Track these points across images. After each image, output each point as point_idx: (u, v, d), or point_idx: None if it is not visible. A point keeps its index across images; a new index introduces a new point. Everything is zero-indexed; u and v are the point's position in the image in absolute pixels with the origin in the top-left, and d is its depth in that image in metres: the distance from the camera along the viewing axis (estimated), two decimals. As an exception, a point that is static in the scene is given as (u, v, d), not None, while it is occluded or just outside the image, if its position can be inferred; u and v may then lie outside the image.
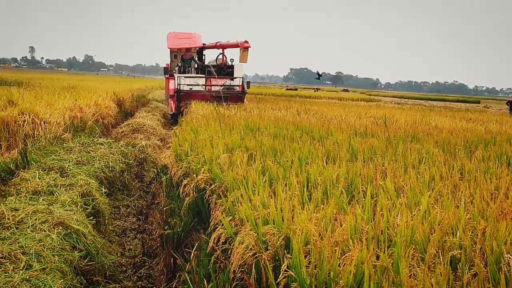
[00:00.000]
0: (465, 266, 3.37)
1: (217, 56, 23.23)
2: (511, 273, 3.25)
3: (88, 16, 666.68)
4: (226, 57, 22.72)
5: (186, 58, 22.38)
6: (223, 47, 22.50)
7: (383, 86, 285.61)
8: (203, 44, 23.58)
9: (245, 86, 20.52)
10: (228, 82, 20.74)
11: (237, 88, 20.29)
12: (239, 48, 20.82)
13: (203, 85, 20.20)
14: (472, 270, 3.30)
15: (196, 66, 22.38)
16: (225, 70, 22.27)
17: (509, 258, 3.40)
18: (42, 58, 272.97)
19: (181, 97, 19.43)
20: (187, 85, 19.91)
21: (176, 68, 22.36)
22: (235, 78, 20.99)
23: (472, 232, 3.90)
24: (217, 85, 20.38)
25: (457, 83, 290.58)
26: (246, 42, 20.27)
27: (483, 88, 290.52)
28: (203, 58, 24.06)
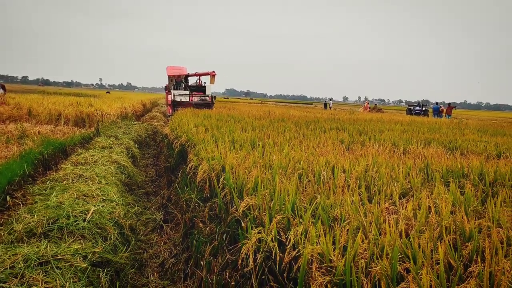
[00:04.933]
0: (304, 177, 3.40)
1: (196, 80, 20.79)
2: (324, 180, 3.31)
3: (131, 59, 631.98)
4: (201, 81, 20.55)
5: (178, 81, 20.32)
6: (200, 75, 20.15)
7: (269, 96, 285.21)
8: (188, 73, 20.88)
9: (213, 99, 18.37)
10: (203, 96, 18.44)
11: (208, 100, 18.09)
12: (209, 75, 18.95)
13: (188, 98, 18.18)
14: (308, 179, 3.34)
15: (183, 86, 20.18)
16: (200, 88, 20.04)
17: (323, 173, 3.46)
18: (106, 83, 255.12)
19: (175, 105, 17.44)
20: (178, 97, 18.05)
21: (172, 86, 20.15)
22: (207, 95, 18.66)
23: (307, 162, 3.95)
24: (196, 98, 18.20)
25: (303, 95, 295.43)
26: (214, 72, 18.60)
27: (314, 97, 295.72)
28: (188, 81, 21.10)
